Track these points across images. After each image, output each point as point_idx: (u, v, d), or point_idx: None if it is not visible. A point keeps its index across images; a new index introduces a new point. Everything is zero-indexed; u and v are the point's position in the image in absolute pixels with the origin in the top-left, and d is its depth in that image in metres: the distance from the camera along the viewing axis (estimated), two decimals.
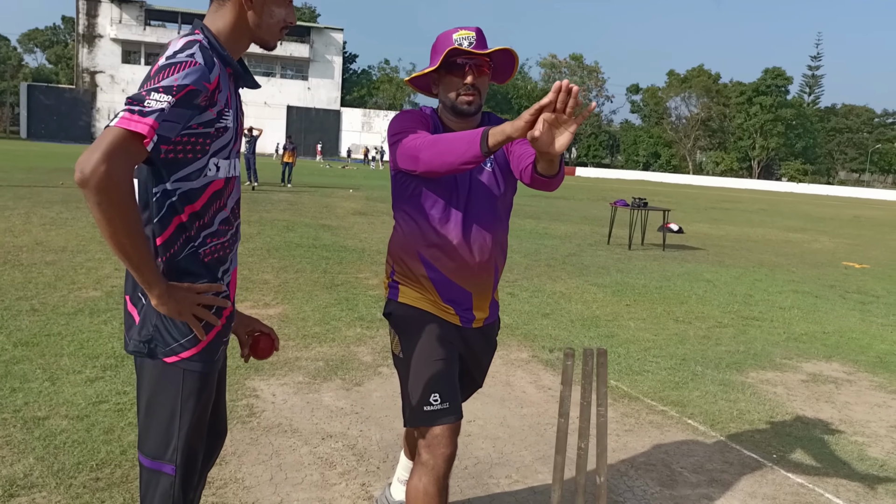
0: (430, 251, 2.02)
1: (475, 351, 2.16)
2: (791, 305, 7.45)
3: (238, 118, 1.68)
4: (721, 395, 4.25)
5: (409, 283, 2.07)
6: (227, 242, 1.68)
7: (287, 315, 5.48)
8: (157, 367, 1.60)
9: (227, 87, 1.60)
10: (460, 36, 1.96)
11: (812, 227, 19.29)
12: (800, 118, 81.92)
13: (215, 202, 1.63)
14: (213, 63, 1.54)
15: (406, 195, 2.05)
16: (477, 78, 1.98)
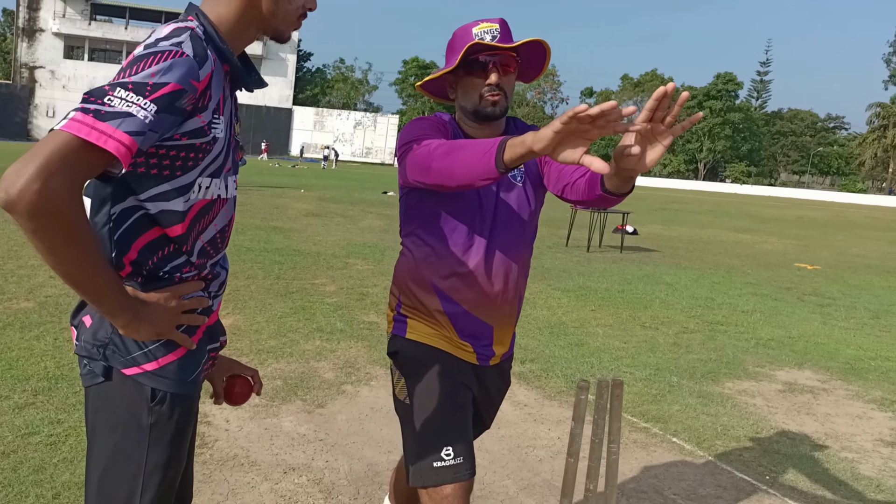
0: (447, 282, 1.75)
1: (489, 390, 1.91)
2: (753, 309, 7.43)
3: (231, 128, 1.35)
4: (702, 409, 4.09)
5: (419, 317, 1.80)
6: (209, 275, 1.39)
7: (239, 326, 5.10)
8: (115, 384, 1.27)
9: (221, 88, 1.28)
10: (481, 29, 1.69)
11: (760, 228, 19.68)
12: (747, 122, 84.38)
13: (195, 227, 1.32)
14: (205, 56, 1.20)
15: (420, 217, 1.78)
16: (502, 77, 1.71)
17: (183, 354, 1.31)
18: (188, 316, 1.31)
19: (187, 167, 1.25)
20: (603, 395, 2.22)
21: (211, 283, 1.40)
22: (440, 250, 1.74)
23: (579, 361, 4.88)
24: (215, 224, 1.37)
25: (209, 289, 1.40)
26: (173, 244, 1.29)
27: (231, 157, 1.36)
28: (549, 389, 4.25)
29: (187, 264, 1.33)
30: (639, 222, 16.98)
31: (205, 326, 1.39)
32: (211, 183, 1.31)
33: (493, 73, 1.70)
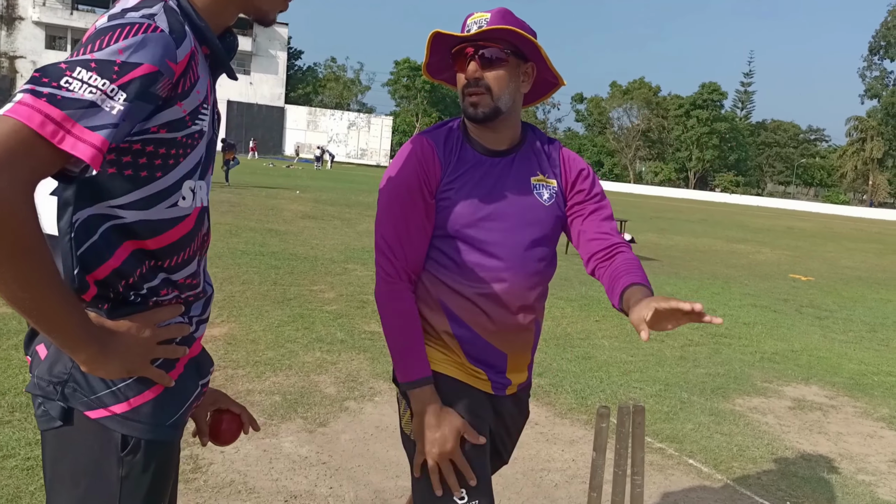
0: (457, 301, 1.56)
1: (506, 423, 1.69)
2: (754, 321, 7.36)
3: (215, 121, 1.15)
4: (715, 428, 3.97)
5: (427, 339, 1.60)
6: (191, 296, 1.17)
7: (235, 336, 4.93)
8: (76, 429, 1.05)
9: (204, 72, 1.08)
10: (472, 20, 1.51)
11: (752, 238, 19.70)
12: (733, 132, 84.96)
13: (187, 245, 1.12)
14: (183, 33, 1.00)
15: (434, 237, 1.59)
16: (483, 70, 1.50)
17: (160, 393, 1.10)
18: (165, 348, 1.10)
19: (168, 166, 1.03)
20: (625, 423, 2.09)
21: (193, 305, 1.17)
22: (452, 266, 1.56)
23: (588, 376, 4.76)
24: (201, 233, 1.16)
25: (191, 312, 1.17)
26: (151, 260, 1.07)
27: (212, 155, 1.16)
28: (559, 406, 4.12)
29: (167, 285, 1.10)
30: (635, 230, 16.93)
31: (187, 358, 1.16)
32: (196, 186, 1.10)
33: (471, 67, 1.51)
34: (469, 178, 1.55)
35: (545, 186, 1.62)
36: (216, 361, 4.48)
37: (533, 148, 1.65)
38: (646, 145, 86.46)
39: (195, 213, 1.11)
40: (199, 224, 1.14)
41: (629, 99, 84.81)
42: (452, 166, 1.55)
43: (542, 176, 1.62)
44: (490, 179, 1.57)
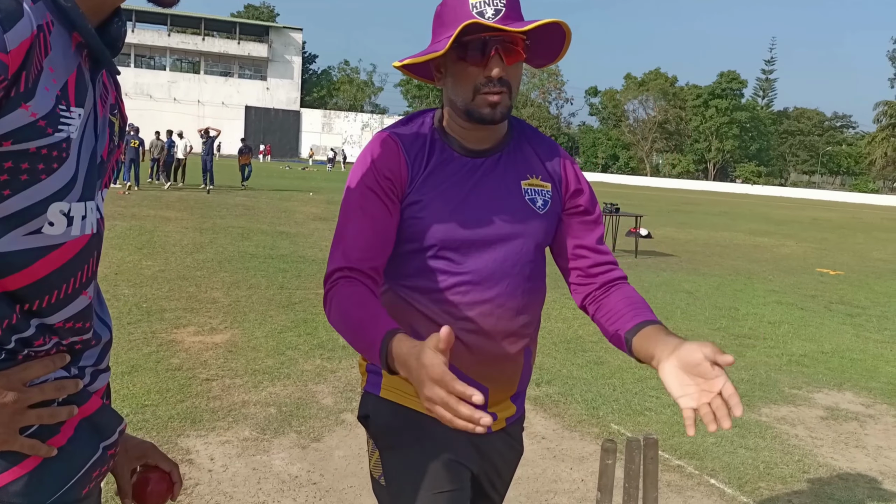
0: (431, 329, 1.30)
1: (495, 463, 1.45)
2: (780, 320, 7.04)
3: (104, 126, 0.91)
4: (739, 442, 3.71)
5: None
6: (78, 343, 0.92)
7: (236, 343, 4.76)
8: None
9: (69, 64, 0.83)
10: (481, 0, 1.24)
11: (776, 231, 19.22)
12: (754, 121, 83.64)
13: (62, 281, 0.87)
14: (17, 13, 0.75)
15: (402, 251, 1.34)
16: (507, 67, 1.26)
17: (37, 465, 0.87)
18: (39, 412, 0.86)
19: (19, 183, 0.79)
20: (634, 459, 1.86)
21: (84, 353, 0.94)
22: (425, 290, 1.32)
23: (600, 383, 4.51)
24: (86, 266, 0.91)
25: (81, 362, 0.94)
26: (17, 305, 0.83)
27: (101, 170, 0.91)
28: (568, 418, 3.88)
29: (42, 333, 0.86)
30: (652, 225, 16.60)
31: (79, 418, 0.92)
32: (74, 209, 0.85)
33: (496, 64, 1.24)
34: (443, 181, 1.31)
35: (538, 191, 1.37)
36: (215, 370, 4.36)
37: (522, 145, 1.40)
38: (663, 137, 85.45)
39: (75, 243, 0.86)
40: (84, 256, 0.89)
41: (644, 90, 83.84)
42: (423, 167, 1.31)
43: (535, 178, 1.38)
44: (469, 183, 1.32)
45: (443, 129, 1.36)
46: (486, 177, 1.34)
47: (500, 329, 1.33)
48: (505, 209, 1.33)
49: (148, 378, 3.90)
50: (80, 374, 0.93)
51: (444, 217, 1.30)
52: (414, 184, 1.31)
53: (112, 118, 0.95)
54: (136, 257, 7.68)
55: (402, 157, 1.31)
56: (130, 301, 5.62)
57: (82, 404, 0.92)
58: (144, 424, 3.28)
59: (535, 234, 1.35)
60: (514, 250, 1.33)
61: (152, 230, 10.02)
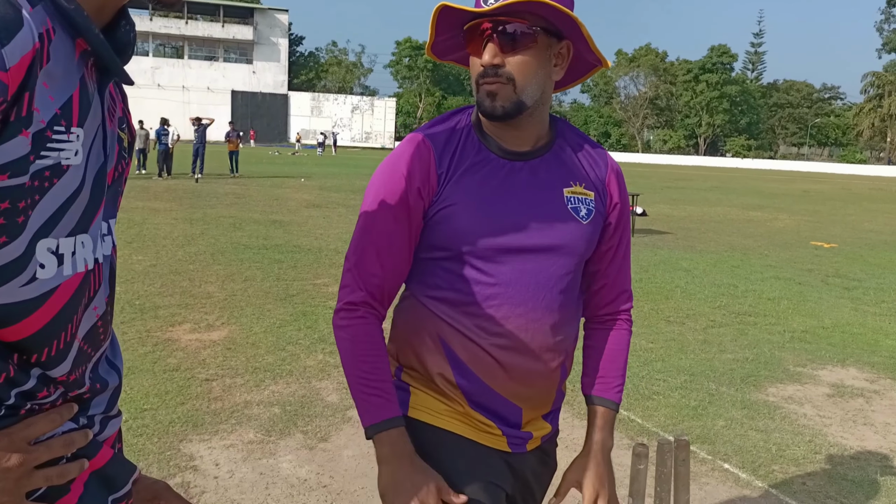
0: (463, 344, 1.23)
1: (528, 481, 1.36)
2: (779, 296, 7.02)
3: (113, 143, 0.81)
4: (749, 424, 3.67)
5: (425, 386, 1.29)
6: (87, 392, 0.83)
7: (234, 340, 4.68)
8: None
9: (68, 79, 0.71)
10: None
11: (768, 204, 19.23)
12: (744, 94, 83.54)
13: (63, 327, 0.76)
14: (17, 22, 0.63)
15: (430, 257, 1.25)
16: (504, 54, 1.16)
17: None
18: (47, 472, 0.76)
19: (15, 227, 0.68)
20: (666, 462, 1.80)
21: (93, 400, 0.85)
22: (457, 302, 1.23)
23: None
24: (94, 307, 0.81)
25: (90, 411, 0.84)
26: (15, 355, 0.73)
27: (107, 194, 0.80)
28: (577, 405, 3.83)
29: (44, 384, 0.76)
30: (646, 202, 16.54)
31: (89, 472, 0.83)
32: (63, 245, 0.74)
33: (487, 51, 1.15)
34: (478, 183, 1.22)
35: (582, 200, 1.27)
36: (215, 369, 4.28)
37: (565, 149, 1.30)
38: (654, 113, 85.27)
39: (69, 284, 0.75)
40: (78, 298, 0.78)
41: (636, 66, 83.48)
42: (455, 170, 1.22)
43: (579, 186, 1.28)
44: (507, 187, 1.23)
45: (480, 128, 1.26)
46: (525, 181, 1.24)
47: (536, 345, 1.24)
48: (546, 217, 1.23)
49: (145, 380, 3.82)
50: (89, 424, 0.84)
51: (478, 222, 1.20)
52: (445, 186, 1.22)
53: (121, 133, 0.85)
54: (126, 252, 7.56)
55: (432, 160, 1.22)
56: (122, 299, 5.52)
57: (93, 457, 0.83)
58: (145, 430, 3.20)
59: (577, 246, 1.26)
60: (554, 261, 1.24)
61: (141, 222, 9.88)
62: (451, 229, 1.21)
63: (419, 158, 1.22)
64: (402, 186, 1.21)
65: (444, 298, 1.24)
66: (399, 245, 1.23)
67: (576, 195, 1.27)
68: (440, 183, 1.22)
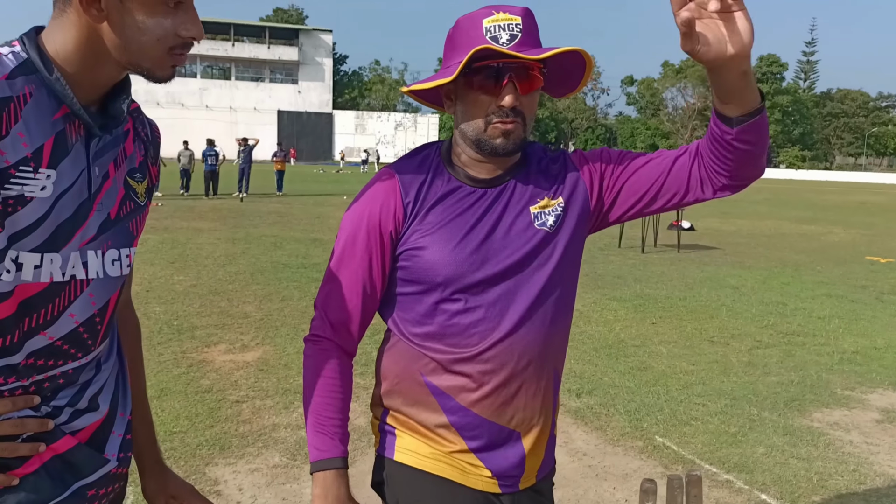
0: (448, 377, 1.22)
1: None
2: (830, 314, 6.73)
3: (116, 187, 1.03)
4: (791, 452, 3.50)
5: (411, 430, 1.27)
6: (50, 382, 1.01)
7: (267, 361, 4.72)
8: None
9: (44, 132, 0.93)
10: (495, 23, 1.14)
11: (822, 217, 18.59)
12: (796, 104, 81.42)
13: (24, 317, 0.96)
14: None
15: (407, 292, 1.25)
16: (521, 96, 1.16)
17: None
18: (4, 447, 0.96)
19: None
20: (676, 499, 1.71)
21: (60, 391, 1.02)
22: (438, 334, 1.22)
23: (643, 391, 4.34)
24: (72, 314, 0.99)
25: (55, 401, 1.01)
26: None
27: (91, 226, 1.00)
28: (610, 431, 3.72)
29: (6, 371, 0.96)
30: (694, 216, 16.19)
31: (50, 455, 1.00)
32: (19, 256, 0.93)
33: (509, 93, 1.15)
34: (447, 214, 1.22)
35: (548, 212, 1.25)
36: (246, 391, 4.32)
37: (531, 171, 1.29)
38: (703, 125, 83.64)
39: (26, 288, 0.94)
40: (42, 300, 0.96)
41: (683, 78, 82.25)
42: (424, 202, 1.23)
43: (546, 199, 1.26)
44: (476, 214, 1.23)
45: (449, 159, 1.26)
46: (493, 207, 1.23)
47: (523, 363, 1.22)
48: (514, 238, 1.22)
49: (177, 402, 3.87)
50: (53, 413, 1.00)
51: (449, 252, 1.20)
52: (414, 220, 1.22)
53: (132, 181, 1.07)
54: (168, 272, 7.74)
55: (398, 193, 1.23)
56: (161, 319, 5.64)
57: (52, 442, 1.00)
58: (172, 453, 3.24)
59: (550, 257, 1.24)
60: (530, 279, 1.23)
61: (185, 242, 10.13)
62: (422, 263, 1.21)
63: (385, 193, 1.23)
64: (367, 223, 1.22)
65: (426, 333, 1.23)
66: (365, 281, 1.24)
67: (542, 209, 1.25)
68: (407, 216, 1.22)
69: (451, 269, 1.20)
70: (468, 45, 1.14)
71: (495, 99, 1.16)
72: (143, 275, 7.49)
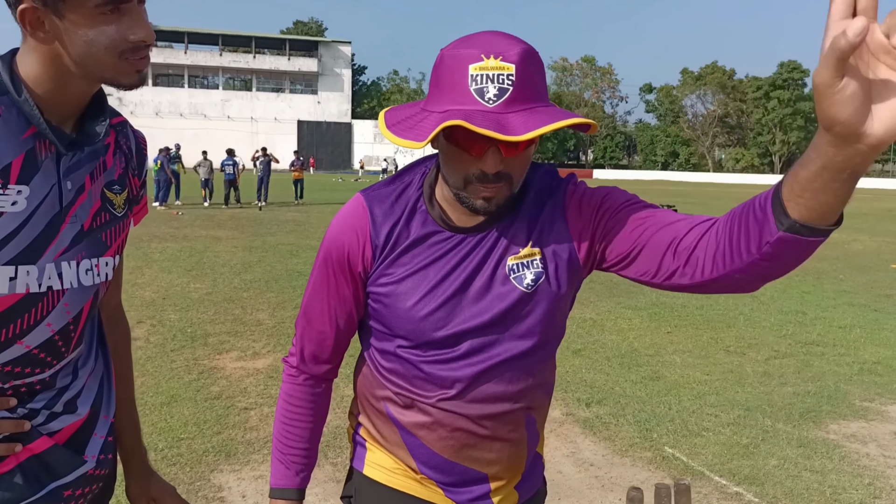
0: (411, 415, 1.16)
1: None
2: (851, 324, 6.60)
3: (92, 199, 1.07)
4: (804, 464, 3.43)
5: (380, 445, 1.23)
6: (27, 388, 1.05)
7: (277, 368, 4.73)
8: None
9: (12, 150, 0.98)
10: (483, 71, 0.94)
11: (847, 224, 18.16)
12: None
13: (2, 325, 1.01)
14: None
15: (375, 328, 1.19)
16: (507, 158, 1.01)
17: None
18: None
19: None
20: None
21: (37, 395, 1.06)
22: (403, 375, 1.15)
23: (654, 401, 4.28)
24: (48, 323, 1.03)
25: (32, 404, 1.05)
26: None
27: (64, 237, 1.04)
28: (619, 441, 3.67)
29: None
30: None
31: (27, 455, 1.04)
32: (16, 272, 0.98)
33: (492, 158, 0.99)
34: (418, 263, 1.12)
35: (527, 265, 1.11)
36: (255, 398, 4.34)
37: (526, 208, 1.14)
38: (724, 131, 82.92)
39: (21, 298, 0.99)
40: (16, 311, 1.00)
41: (702, 85, 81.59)
42: (395, 245, 1.12)
43: (528, 248, 1.12)
44: (447, 266, 1.11)
45: (431, 195, 1.13)
46: (469, 256, 1.11)
47: (489, 415, 1.14)
48: (485, 294, 1.11)
49: (186, 409, 3.89)
50: (30, 415, 1.04)
51: (415, 304, 1.11)
52: (382, 263, 1.13)
53: (110, 193, 1.10)
54: (185, 280, 7.82)
55: (367, 233, 1.12)
56: (175, 326, 5.69)
57: (28, 443, 1.04)
58: (179, 459, 3.25)
59: (524, 316, 1.12)
60: (500, 336, 1.12)
61: (202, 251, 10.22)
62: (389, 312, 1.13)
63: (355, 231, 1.14)
64: (337, 260, 1.15)
65: (391, 368, 1.17)
66: (336, 315, 1.19)
67: (520, 261, 1.11)
68: (376, 258, 1.13)
69: (412, 325, 1.11)
70: (449, 93, 0.97)
71: (476, 161, 1.00)
72: (159, 283, 7.57)
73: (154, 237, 11.52)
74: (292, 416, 1.25)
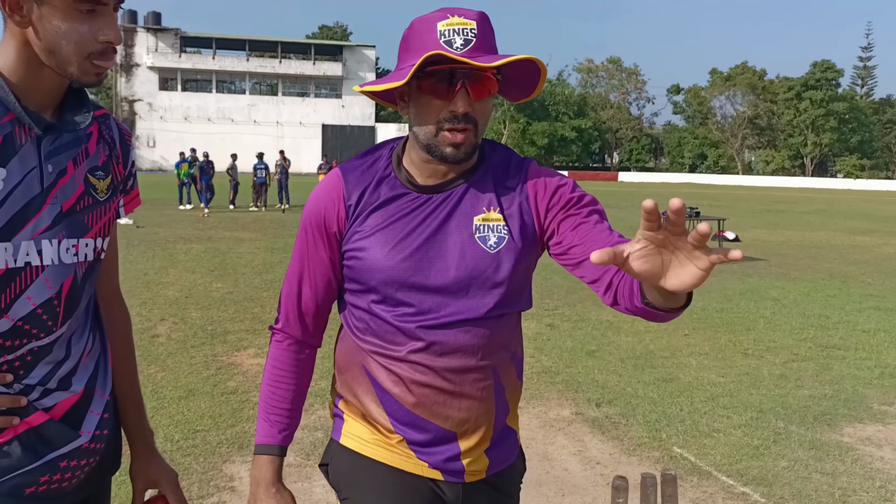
0: (385, 373, 1.25)
1: None
2: (876, 328, 6.49)
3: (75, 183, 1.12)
4: (815, 466, 3.40)
5: (355, 414, 1.31)
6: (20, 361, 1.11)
7: None
8: None
9: None
10: (450, 27, 1.13)
11: (879, 228, 17.88)
12: (853, 111, 78.42)
13: None
14: None
15: (351, 289, 1.29)
16: (474, 102, 1.17)
17: None
18: None
19: None
20: (649, 498, 1.70)
21: (33, 370, 1.11)
22: (376, 331, 1.25)
23: (666, 402, 4.27)
24: (28, 297, 1.08)
25: (27, 379, 1.11)
26: None
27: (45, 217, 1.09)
28: (627, 441, 3.67)
29: None
30: (740, 227, 15.81)
31: (25, 427, 1.10)
32: None
33: (461, 99, 1.14)
34: (388, 218, 1.23)
35: (492, 228, 1.23)
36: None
37: (487, 174, 1.27)
38: (754, 133, 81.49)
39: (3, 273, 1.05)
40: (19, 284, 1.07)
41: (731, 85, 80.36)
42: (366, 205, 1.24)
43: (492, 212, 1.24)
44: (416, 221, 1.23)
45: (399, 162, 1.27)
46: (434, 213, 1.23)
47: (457, 369, 1.23)
48: (451, 248, 1.22)
49: (203, 403, 4.00)
50: (25, 391, 1.10)
51: (384, 256, 1.22)
52: (354, 222, 1.25)
53: (93, 178, 1.16)
54: (208, 279, 7.98)
55: (340, 195, 1.26)
56: (196, 324, 5.82)
57: (25, 417, 1.10)
58: (193, 450, 3.35)
59: (487, 276, 1.22)
60: (465, 293, 1.22)
61: (226, 251, 10.41)
62: (361, 264, 1.24)
63: (329, 195, 1.27)
64: (315, 224, 1.27)
65: (364, 328, 1.27)
66: (316, 278, 1.30)
67: (486, 222, 1.23)
68: (349, 217, 1.25)
69: (385, 273, 1.21)
70: (422, 49, 1.13)
71: (447, 104, 1.15)
72: (183, 282, 7.74)
73: (179, 238, 11.76)
74: (277, 379, 1.34)
